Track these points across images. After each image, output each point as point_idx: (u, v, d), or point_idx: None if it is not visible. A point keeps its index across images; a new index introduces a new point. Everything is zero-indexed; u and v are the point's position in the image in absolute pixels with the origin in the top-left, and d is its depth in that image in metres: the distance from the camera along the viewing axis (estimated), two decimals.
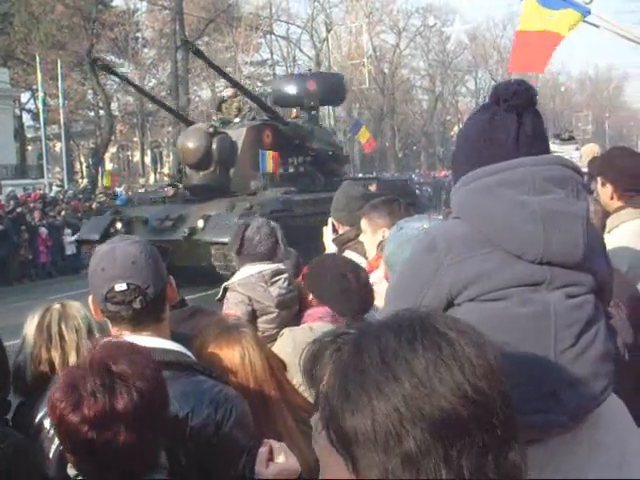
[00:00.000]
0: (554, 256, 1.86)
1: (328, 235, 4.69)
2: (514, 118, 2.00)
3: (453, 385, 1.03)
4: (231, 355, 2.40)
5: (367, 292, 3.31)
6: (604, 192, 4.03)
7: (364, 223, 3.98)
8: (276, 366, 2.50)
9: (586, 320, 1.88)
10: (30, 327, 2.63)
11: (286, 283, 3.87)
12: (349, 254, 4.32)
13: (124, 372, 1.69)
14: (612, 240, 3.73)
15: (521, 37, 6.71)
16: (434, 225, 2.49)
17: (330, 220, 4.78)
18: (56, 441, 2.06)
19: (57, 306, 2.68)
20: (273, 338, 3.47)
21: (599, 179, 4.10)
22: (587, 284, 1.91)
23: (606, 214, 3.90)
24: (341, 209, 4.73)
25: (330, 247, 4.60)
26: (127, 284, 2.11)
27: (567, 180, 1.95)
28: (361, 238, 4.07)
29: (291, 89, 18.66)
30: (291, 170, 15.35)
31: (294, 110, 18.22)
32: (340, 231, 4.70)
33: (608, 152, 4.53)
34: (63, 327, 2.60)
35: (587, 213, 1.94)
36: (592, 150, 8.11)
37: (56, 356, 2.57)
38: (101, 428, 1.64)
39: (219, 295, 3.99)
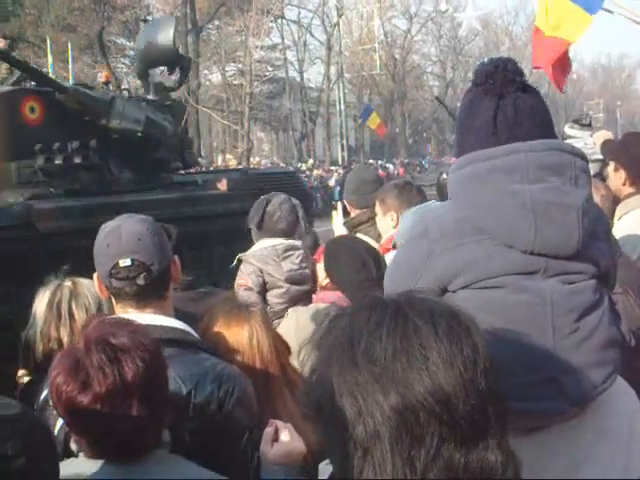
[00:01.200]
0: (546, 248, 1.80)
1: (338, 220, 4.65)
2: (492, 102, 1.92)
3: (411, 376, 1.01)
4: (239, 333, 2.39)
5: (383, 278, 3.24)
6: (617, 177, 4.00)
7: (377, 206, 3.97)
8: (280, 348, 2.50)
9: (586, 306, 1.83)
10: (41, 303, 2.63)
11: (299, 259, 3.88)
12: (360, 237, 4.31)
13: (125, 344, 1.69)
14: (622, 227, 3.71)
15: (537, 36, 6.70)
16: (428, 210, 2.45)
17: (339, 205, 4.76)
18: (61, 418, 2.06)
19: (68, 283, 2.68)
20: (280, 315, 3.47)
21: (612, 163, 4.07)
22: (587, 272, 1.85)
23: (616, 200, 3.87)
24: (353, 192, 4.71)
25: (339, 232, 4.58)
26: (131, 260, 2.12)
27: (565, 166, 1.86)
28: (377, 220, 4.06)
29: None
30: (57, 162, 9.02)
31: (102, 73, 12.65)
32: (352, 214, 4.68)
33: (623, 137, 4.50)
34: (73, 306, 2.60)
35: (585, 200, 1.85)
36: (606, 137, 8.02)
37: (65, 335, 2.57)
38: (114, 403, 1.64)
39: (233, 264, 4.03)
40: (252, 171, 13.60)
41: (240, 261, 3.97)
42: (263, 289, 3.81)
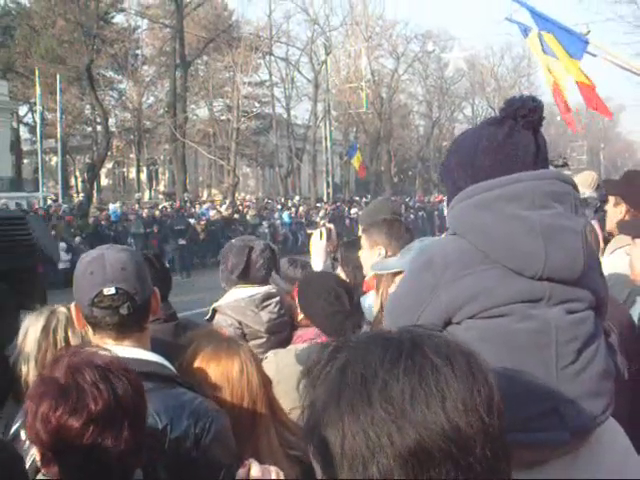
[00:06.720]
0: (554, 272, 1.82)
1: (319, 244, 4.39)
2: (530, 135, 1.97)
3: (428, 417, 0.98)
4: (230, 366, 2.34)
5: (359, 312, 3.22)
6: (616, 212, 4.11)
7: (363, 239, 3.90)
8: (267, 384, 2.45)
9: (587, 336, 1.86)
10: (33, 330, 2.56)
11: (277, 307, 3.80)
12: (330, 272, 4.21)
13: (111, 364, 1.68)
14: (612, 261, 3.71)
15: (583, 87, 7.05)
16: (431, 242, 2.45)
17: (324, 228, 4.51)
18: (31, 453, 2.00)
19: (63, 310, 2.61)
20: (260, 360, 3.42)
21: (612, 199, 4.13)
22: (586, 300, 1.89)
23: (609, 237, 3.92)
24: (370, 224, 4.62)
25: (317, 257, 4.36)
26: (116, 288, 2.10)
27: (566, 195, 1.93)
28: (360, 254, 3.97)
29: None
30: None
31: None
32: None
33: (626, 173, 4.43)
34: (70, 333, 2.54)
35: (585, 229, 1.91)
36: (591, 177, 8.07)
37: None
38: (107, 423, 1.61)
39: (208, 316, 3.90)
40: None
41: (215, 311, 3.87)
42: (243, 340, 3.74)
